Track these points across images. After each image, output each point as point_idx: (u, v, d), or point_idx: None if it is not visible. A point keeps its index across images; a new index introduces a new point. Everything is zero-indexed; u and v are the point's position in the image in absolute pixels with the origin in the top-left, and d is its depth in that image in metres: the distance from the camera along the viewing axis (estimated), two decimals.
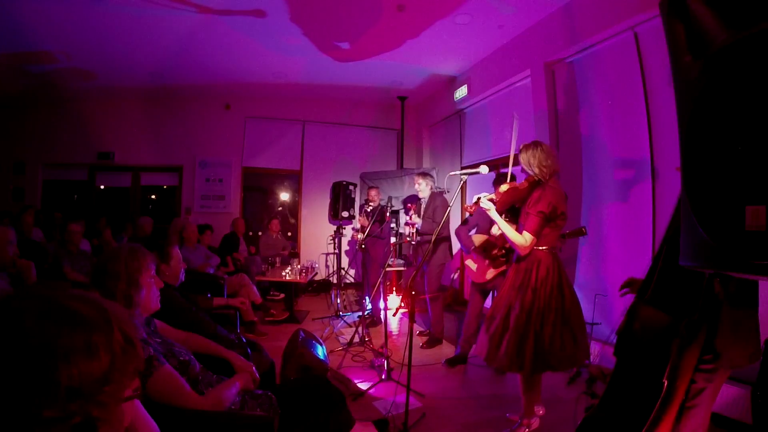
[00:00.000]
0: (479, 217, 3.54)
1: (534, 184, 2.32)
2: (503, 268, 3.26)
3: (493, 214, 2.28)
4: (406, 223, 4.03)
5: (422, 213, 4.00)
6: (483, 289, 3.54)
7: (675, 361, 1.32)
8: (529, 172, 2.30)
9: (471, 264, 3.49)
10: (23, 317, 0.57)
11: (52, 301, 0.61)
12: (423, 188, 3.99)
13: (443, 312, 4.11)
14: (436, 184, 3.84)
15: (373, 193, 4.97)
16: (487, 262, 3.36)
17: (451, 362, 3.49)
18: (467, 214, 3.51)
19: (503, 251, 3.27)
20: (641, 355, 1.56)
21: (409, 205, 4.23)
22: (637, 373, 1.56)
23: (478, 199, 2.30)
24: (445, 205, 3.80)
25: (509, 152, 2.59)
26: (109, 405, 0.60)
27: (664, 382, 1.32)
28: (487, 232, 3.45)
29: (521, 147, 2.35)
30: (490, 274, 3.33)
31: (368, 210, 4.88)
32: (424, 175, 4.06)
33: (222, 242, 5.89)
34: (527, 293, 2.21)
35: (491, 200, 2.29)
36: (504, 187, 2.30)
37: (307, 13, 3.98)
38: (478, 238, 3.47)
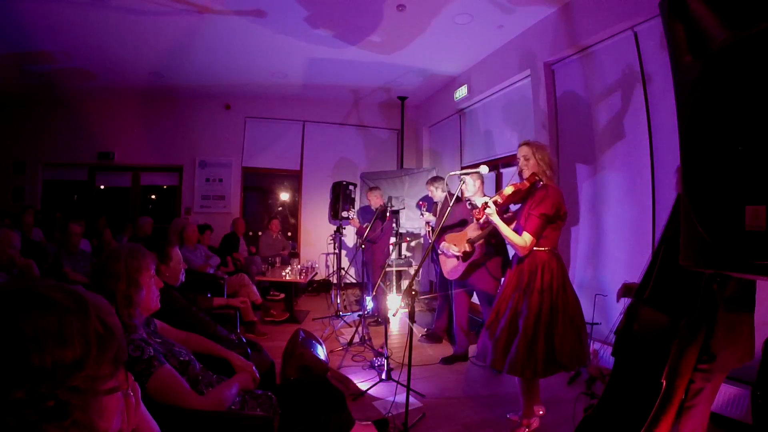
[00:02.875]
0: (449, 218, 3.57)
1: (534, 184, 2.32)
2: (470, 260, 3.27)
3: (495, 218, 2.27)
4: (427, 222, 4.05)
5: (437, 214, 4.02)
6: (464, 287, 3.58)
7: (674, 362, 1.32)
8: (538, 167, 2.29)
9: (447, 262, 3.50)
10: None
11: (26, 288, 0.62)
12: (437, 193, 4.00)
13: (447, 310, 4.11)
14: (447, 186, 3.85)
15: (372, 197, 4.97)
16: (457, 258, 3.37)
17: (447, 360, 3.52)
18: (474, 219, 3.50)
19: (471, 246, 3.29)
20: (640, 356, 1.56)
21: (421, 202, 4.26)
22: (635, 373, 1.56)
23: (485, 204, 2.28)
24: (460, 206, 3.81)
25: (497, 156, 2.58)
26: (86, 392, 0.59)
27: (662, 383, 1.32)
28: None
29: (529, 142, 2.36)
30: (460, 267, 3.34)
31: (352, 216, 4.99)
32: (434, 180, 4.03)
33: (222, 242, 5.89)
34: (533, 296, 2.19)
35: (494, 201, 2.29)
36: (509, 189, 2.30)
37: (307, 13, 3.98)
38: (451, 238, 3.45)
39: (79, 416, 0.58)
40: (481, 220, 2.38)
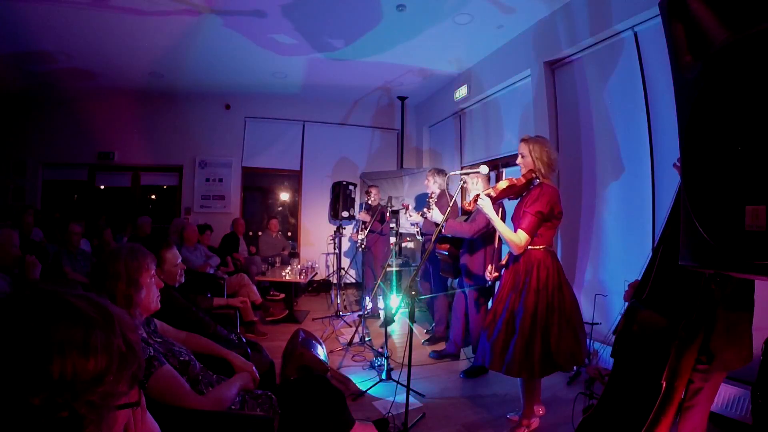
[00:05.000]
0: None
1: (531, 181, 2.31)
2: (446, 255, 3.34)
3: (489, 211, 2.27)
4: (412, 223, 4.02)
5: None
6: (462, 287, 3.60)
7: (674, 363, 1.32)
8: (534, 165, 2.27)
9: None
10: (24, 307, 0.58)
11: (55, 296, 0.61)
12: (432, 185, 3.92)
13: (447, 311, 4.11)
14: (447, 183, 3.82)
15: (373, 191, 4.97)
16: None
17: (441, 356, 3.58)
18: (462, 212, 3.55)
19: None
20: (639, 357, 1.56)
21: (404, 203, 4.24)
22: (635, 375, 1.56)
23: (477, 195, 2.28)
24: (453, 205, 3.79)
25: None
26: (101, 408, 0.59)
27: (662, 384, 1.32)
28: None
29: (528, 138, 2.32)
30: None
31: (370, 203, 4.88)
32: (438, 172, 3.97)
33: (222, 242, 5.89)
34: (529, 296, 2.18)
35: (487, 195, 2.28)
36: (503, 183, 2.29)
37: (308, 13, 3.98)
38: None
39: (92, 430, 0.58)
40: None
